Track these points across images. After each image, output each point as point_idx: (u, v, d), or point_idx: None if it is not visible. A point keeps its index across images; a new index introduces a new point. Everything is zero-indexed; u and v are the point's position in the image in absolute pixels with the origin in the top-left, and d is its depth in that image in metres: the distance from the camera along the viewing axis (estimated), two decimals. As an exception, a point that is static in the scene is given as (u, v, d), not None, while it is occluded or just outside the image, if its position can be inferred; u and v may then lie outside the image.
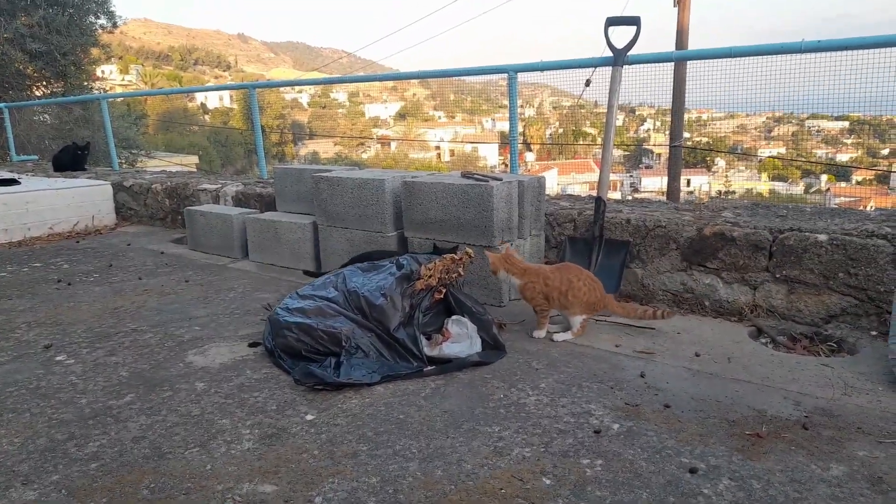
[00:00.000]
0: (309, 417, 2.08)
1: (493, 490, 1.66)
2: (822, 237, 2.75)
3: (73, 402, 2.23)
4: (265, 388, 2.30)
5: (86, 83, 14.29)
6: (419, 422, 2.03)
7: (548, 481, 1.69)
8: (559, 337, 2.69)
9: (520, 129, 4.44)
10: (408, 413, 2.09)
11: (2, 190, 5.30)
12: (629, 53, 3.35)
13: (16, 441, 1.97)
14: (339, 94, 77.67)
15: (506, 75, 4.21)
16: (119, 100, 17.90)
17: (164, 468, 1.80)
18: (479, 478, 1.72)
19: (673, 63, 7.28)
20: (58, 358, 2.66)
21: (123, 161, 13.98)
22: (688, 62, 7.05)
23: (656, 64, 3.91)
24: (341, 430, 1.99)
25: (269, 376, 2.41)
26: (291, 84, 8.70)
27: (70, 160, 7.44)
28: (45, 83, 13.64)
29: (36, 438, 1.99)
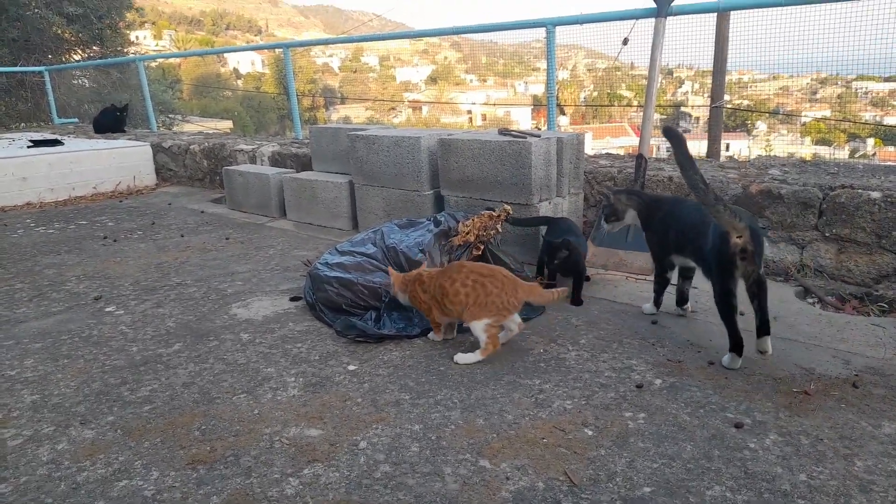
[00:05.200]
0: (351, 367, 2.11)
1: (534, 439, 1.67)
2: (876, 194, 2.64)
3: (124, 350, 2.31)
4: (307, 340, 2.34)
5: (120, 48, 14.45)
6: (460, 373, 2.05)
7: (590, 432, 1.70)
8: (460, 359, 2.11)
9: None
10: (448, 365, 2.11)
11: (46, 150, 5.43)
12: (673, 4, 3.22)
13: (72, 384, 2.06)
14: (371, 57, 76.94)
15: (540, 36, 4.11)
16: (154, 64, 18.05)
17: (214, 412, 1.86)
18: (520, 427, 1.73)
19: (716, 16, 7.06)
20: (108, 309, 2.75)
21: (161, 125, 14.17)
22: (730, 14, 6.82)
23: (700, 16, 3.78)
24: (383, 379, 2.02)
25: (311, 329, 2.45)
26: (325, 42, 8.69)
27: (110, 122, 7.56)
28: (82, 47, 13.83)
29: (91, 382, 2.06)
